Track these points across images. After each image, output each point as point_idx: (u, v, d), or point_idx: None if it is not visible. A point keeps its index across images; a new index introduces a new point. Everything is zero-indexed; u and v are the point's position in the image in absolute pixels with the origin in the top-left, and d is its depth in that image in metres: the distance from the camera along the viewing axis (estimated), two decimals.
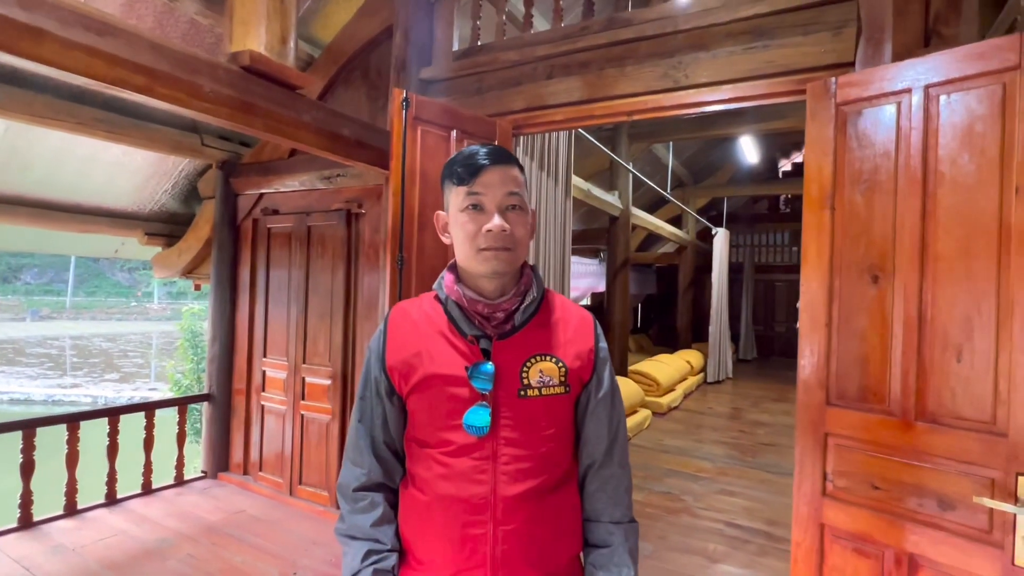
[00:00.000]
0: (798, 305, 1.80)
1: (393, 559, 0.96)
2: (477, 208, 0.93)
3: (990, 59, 1.42)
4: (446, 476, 0.93)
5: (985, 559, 1.39)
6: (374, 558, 0.94)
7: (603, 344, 1.03)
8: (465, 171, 0.93)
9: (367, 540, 0.96)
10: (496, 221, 0.92)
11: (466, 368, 0.92)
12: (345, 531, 0.98)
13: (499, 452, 0.92)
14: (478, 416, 0.91)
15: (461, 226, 0.94)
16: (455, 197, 0.96)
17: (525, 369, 0.94)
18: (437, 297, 1.01)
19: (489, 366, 0.92)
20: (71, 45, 1.58)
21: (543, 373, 0.94)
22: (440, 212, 1.03)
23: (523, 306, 0.97)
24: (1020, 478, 1.33)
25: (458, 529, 0.91)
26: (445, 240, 1.02)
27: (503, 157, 0.96)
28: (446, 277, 1.00)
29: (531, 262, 3.71)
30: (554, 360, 0.96)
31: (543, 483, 0.94)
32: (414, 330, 0.98)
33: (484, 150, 0.95)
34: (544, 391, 0.94)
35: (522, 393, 0.93)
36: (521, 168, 1.00)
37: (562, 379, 0.96)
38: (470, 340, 0.95)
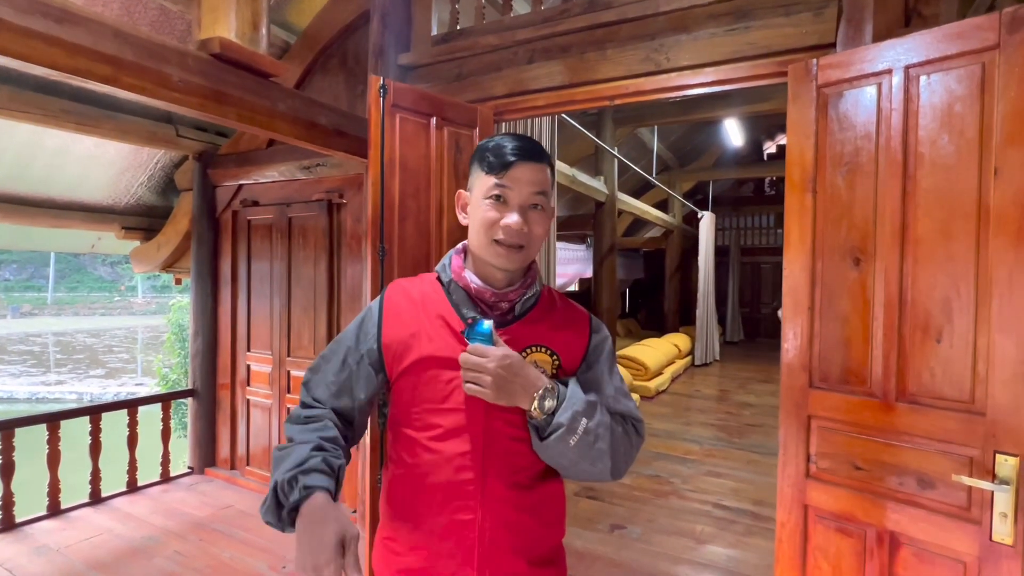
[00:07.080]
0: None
1: (344, 462, 0.88)
2: (500, 200, 0.93)
3: (970, 39, 1.41)
4: (433, 461, 0.92)
5: (964, 535, 1.42)
6: (324, 453, 0.85)
7: (599, 336, 1.03)
8: (496, 161, 0.93)
9: (315, 441, 0.87)
10: (515, 218, 0.92)
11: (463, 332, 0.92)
12: (286, 444, 0.89)
13: (494, 438, 0.92)
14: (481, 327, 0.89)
15: (482, 213, 0.94)
16: (481, 183, 0.95)
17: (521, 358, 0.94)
18: (439, 279, 1.00)
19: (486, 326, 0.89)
20: (28, 33, 1.51)
21: (537, 364, 0.94)
22: (463, 191, 1.02)
23: (524, 298, 0.98)
24: (998, 456, 1.35)
25: (446, 515, 0.90)
26: (462, 220, 1.01)
27: (535, 154, 0.94)
28: (453, 260, 1.00)
29: None
30: (548, 351, 0.97)
31: (532, 471, 0.94)
32: (412, 309, 0.97)
33: (516, 143, 0.94)
34: None
35: None
36: (552, 167, 0.99)
37: (554, 372, 0.96)
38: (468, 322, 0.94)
